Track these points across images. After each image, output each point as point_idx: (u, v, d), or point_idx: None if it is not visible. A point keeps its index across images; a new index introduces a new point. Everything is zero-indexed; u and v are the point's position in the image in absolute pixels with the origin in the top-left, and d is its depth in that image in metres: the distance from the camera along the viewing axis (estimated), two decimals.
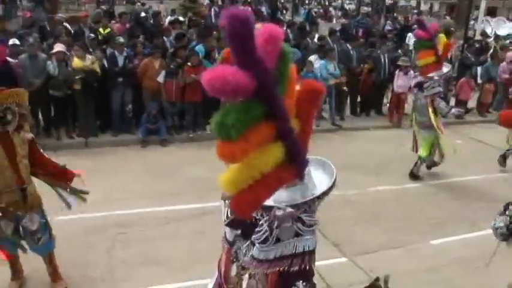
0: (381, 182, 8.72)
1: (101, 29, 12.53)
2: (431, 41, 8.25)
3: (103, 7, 16.98)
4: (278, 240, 2.87)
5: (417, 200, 8.15)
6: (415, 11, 26.86)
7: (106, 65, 10.22)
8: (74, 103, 10.02)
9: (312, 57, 11.88)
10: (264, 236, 2.88)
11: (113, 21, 14.48)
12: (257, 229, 2.92)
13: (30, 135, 5.02)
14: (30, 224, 5.00)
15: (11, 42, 10.38)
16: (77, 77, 9.69)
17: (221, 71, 2.26)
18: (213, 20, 16.12)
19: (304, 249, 2.92)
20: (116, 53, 10.36)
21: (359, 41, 13.71)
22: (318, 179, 2.98)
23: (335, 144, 10.58)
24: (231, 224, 3.33)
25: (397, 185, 8.66)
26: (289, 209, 2.81)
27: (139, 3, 21.22)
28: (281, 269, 2.88)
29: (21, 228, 5.01)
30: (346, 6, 28.08)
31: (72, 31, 12.47)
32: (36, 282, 5.41)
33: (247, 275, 3.31)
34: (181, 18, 15.40)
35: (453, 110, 8.43)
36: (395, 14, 25.56)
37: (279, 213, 2.81)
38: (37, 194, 5.10)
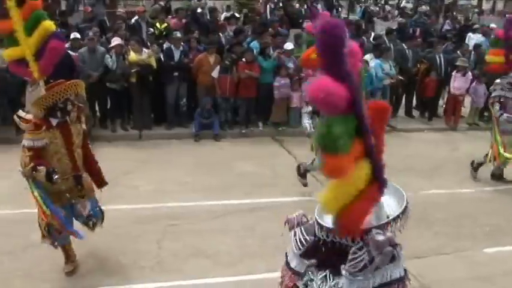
0: (435, 185, 8.49)
1: (158, 24, 12.76)
2: (507, 42, 8.14)
3: (161, 2, 17.27)
4: (377, 267, 2.69)
5: (471, 205, 7.89)
6: (476, 10, 25.98)
7: (162, 59, 10.42)
8: (129, 96, 10.26)
9: (368, 56, 11.71)
10: (362, 264, 2.68)
11: (169, 17, 14.73)
12: (351, 257, 2.70)
13: (84, 127, 5.21)
14: (82, 210, 5.27)
15: (72, 35, 10.73)
16: (133, 71, 9.92)
17: (325, 83, 2.23)
18: (268, 17, 16.12)
19: (400, 274, 2.78)
20: (173, 47, 10.54)
21: (416, 40, 13.39)
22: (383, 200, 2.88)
23: (388, 146, 10.38)
24: (305, 253, 3.06)
25: (450, 189, 8.42)
26: (388, 233, 2.66)
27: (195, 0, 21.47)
28: None
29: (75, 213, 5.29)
30: (404, 5, 27.47)
31: (130, 26, 12.76)
32: (89, 267, 5.58)
33: None
34: (237, 15, 15.49)
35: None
36: (454, 13, 24.84)
37: (380, 237, 2.61)
38: (90, 183, 5.34)
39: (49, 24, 4.94)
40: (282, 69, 10.71)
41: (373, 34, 14.24)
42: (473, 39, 15.36)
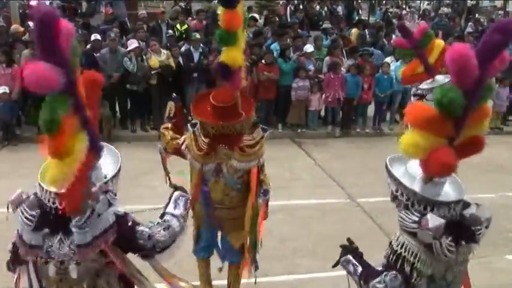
0: None
1: (178, 26, 12.83)
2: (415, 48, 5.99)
3: (181, 4, 17.36)
4: (99, 214, 2.97)
5: (492, 211, 7.75)
6: (501, 12, 25.58)
7: (181, 61, 10.47)
8: (149, 97, 10.34)
9: (388, 59, 11.65)
10: (86, 217, 2.92)
11: (190, 18, 14.80)
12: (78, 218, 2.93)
13: None
14: None
15: (93, 37, 10.86)
16: (153, 72, 9.99)
17: (38, 68, 2.39)
18: (289, 19, 16.10)
19: (112, 219, 3.04)
20: (192, 48, 10.59)
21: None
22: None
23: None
24: (36, 227, 3.07)
25: (470, 194, 8.28)
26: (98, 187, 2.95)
27: (215, 1, 21.54)
28: None
29: None
30: (424, 7, 27.20)
31: (150, 27, 12.86)
32: None
33: None
34: (256, 16, 15.51)
35: None
36: (477, 16, 24.53)
37: (94, 189, 2.90)
38: None
39: None
40: (300, 71, 10.70)
41: (394, 36, 14.13)
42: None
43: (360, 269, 3.21)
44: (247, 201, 4.32)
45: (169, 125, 4.72)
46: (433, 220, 2.83)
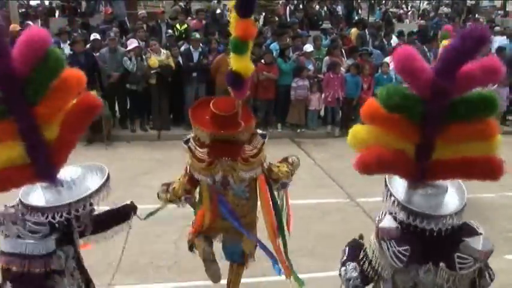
0: None
1: (177, 25, 12.82)
2: None
3: (181, 3, 17.35)
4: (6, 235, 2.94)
5: (491, 210, 7.76)
6: (500, 12, 25.55)
7: (181, 61, 10.46)
8: (149, 97, 10.33)
9: (388, 59, 11.63)
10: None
11: (189, 18, 14.78)
12: None
13: None
14: None
15: (92, 36, 10.86)
16: (152, 72, 9.99)
17: None
18: (288, 19, 16.09)
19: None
20: (191, 48, 10.58)
21: (437, 43, 13.26)
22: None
23: None
24: None
25: (470, 194, 8.27)
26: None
27: (215, 1, 21.54)
28: None
29: None
30: (424, 7, 27.18)
31: (150, 27, 12.86)
32: (106, 266, 5.61)
33: None
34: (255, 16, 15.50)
35: None
36: (477, 15, 24.51)
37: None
38: None
39: None
40: (303, 71, 10.70)
41: (393, 37, 14.14)
42: (496, 41, 15.15)
43: (344, 257, 3.23)
44: (256, 207, 4.36)
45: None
46: (387, 222, 2.88)
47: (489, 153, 2.75)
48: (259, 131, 4.28)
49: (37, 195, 2.95)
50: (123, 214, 3.83)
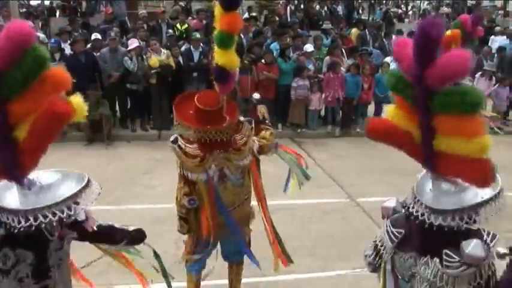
0: None
1: (178, 25, 12.83)
2: None
3: (181, 3, 17.36)
4: None
5: None
6: (501, 11, 25.54)
7: (181, 61, 10.47)
8: (149, 96, 10.34)
9: (388, 59, 11.64)
10: None
11: (190, 18, 14.79)
12: None
13: None
14: None
15: (93, 36, 10.87)
16: (152, 72, 10.00)
17: None
18: (289, 19, 16.10)
19: None
20: (192, 48, 10.59)
21: None
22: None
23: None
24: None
25: None
26: None
27: (215, 1, 21.52)
28: None
29: None
30: (425, 7, 27.17)
31: (150, 27, 12.86)
32: (105, 265, 5.62)
33: None
34: (254, 14, 15.55)
35: None
36: None
37: None
38: None
39: None
40: (304, 70, 10.70)
41: (394, 36, 14.14)
42: (496, 41, 15.16)
43: None
44: (250, 192, 4.43)
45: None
46: (389, 202, 3.21)
47: (476, 154, 2.66)
48: (245, 119, 4.27)
49: (11, 195, 2.83)
50: (134, 239, 3.64)
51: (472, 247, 2.77)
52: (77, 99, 2.75)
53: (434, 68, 2.50)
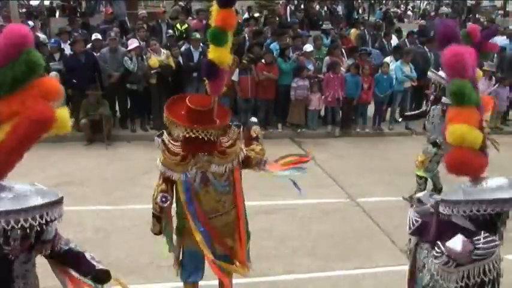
0: None
1: (178, 25, 12.82)
2: None
3: (181, 3, 17.37)
4: None
5: None
6: (501, 12, 25.55)
7: (181, 61, 10.47)
8: (149, 96, 10.34)
9: (388, 59, 11.65)
10: None
11: (190, 18, 14.78)
12: None
13: None
14: None
15: (93, 36, 10.87)
16: (152, 72, 10.00)
17: None
18: (288, 19, 16.11)
19: None
20: (192, 48, 10.60)
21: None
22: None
23: (406, 149, 10.29)
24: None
25: None
26: None
27: (215, 1, 21.52)
28: None
29: None
30: (424, 7, 27.20)
31: (150, 27, 12.85)
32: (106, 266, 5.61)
33: None
34: (256, 14, 15.54)
35: None
36: (477, 15, 24.51)
37: None
38: None
39: None
40: (303, 70, 10.70)
41: (393, 36, 14.14)
42: (496, 41, 15.14)
43: None
44: (242, 204, 4.42)
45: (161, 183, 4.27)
46: (421, 193, 3.53)
47: (450, 141, 2.88)
48: (234, 123, 4.29)
49: None
50: (98, 278, 3.41)
51: (453, 240, 2.91)
52: (63, 112, 2.70)
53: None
